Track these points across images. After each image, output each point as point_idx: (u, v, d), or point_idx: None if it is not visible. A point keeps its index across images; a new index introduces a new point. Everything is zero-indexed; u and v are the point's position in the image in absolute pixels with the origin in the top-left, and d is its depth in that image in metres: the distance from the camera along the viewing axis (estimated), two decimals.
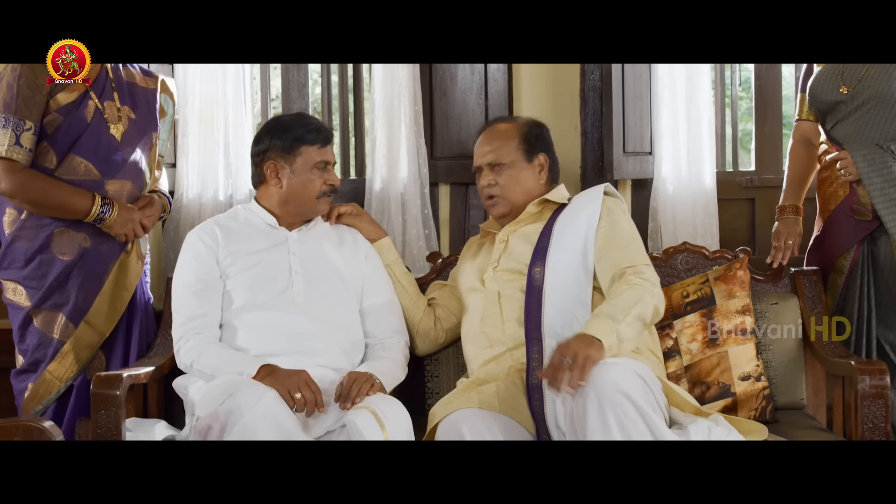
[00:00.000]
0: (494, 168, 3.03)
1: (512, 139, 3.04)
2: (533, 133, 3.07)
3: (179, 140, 3.78)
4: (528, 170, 3.04)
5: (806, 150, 3.50)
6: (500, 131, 3.08)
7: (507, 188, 3.02)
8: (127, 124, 3.17)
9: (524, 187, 3.04)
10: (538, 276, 2.89)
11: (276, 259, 3.01)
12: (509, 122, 3.13)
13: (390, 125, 3.80)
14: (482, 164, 3.07)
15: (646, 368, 2.68)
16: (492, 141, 3.06)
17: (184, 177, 3.80)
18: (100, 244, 3.14)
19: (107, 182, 3.13)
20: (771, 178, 4.10)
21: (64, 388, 3.13)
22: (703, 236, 3.81)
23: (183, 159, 3.79)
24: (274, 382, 2.69)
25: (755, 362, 3.16)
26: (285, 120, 3.11)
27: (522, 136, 3.05)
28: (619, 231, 2.92)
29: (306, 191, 3.03)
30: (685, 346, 3.16)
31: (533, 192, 3.05)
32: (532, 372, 2.80)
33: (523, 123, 3.10)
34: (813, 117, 3.47)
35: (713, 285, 3.22)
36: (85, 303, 3.13)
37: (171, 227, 3.80)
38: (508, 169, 3.02)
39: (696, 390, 3.12)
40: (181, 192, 3.79)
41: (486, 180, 3.05)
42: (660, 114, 3.84)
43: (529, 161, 3.04)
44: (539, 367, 2.79)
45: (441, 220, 3.94)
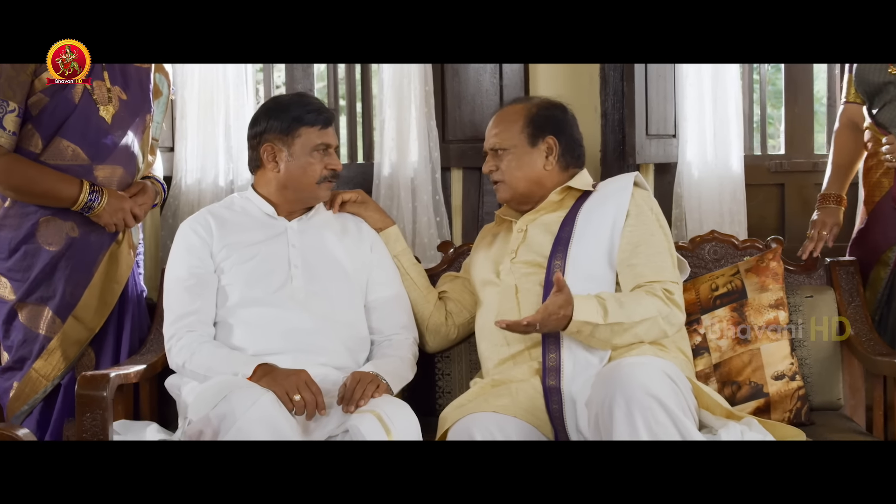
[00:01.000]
0: (498, 153, 2.93)
1: (516, 122, 2.92)
2: (541, 115, 2.93)
3: (178, 122, 3.70)
4: (531, 154, 2.90)
5: (853, 136, 3.33)
6: (506, 114, 2.97)
7: (507, 173, 2.91)
8: (118, 105, 3.04)
9: (526, 173, 2.90)
10: (558, 269, 2.75)
11: (275, 251, 2.89)
12: (519, 104, 3.00)
13: (399, 106, 3.73)
14: (486, 149, 2.98)
15: (675, 368, 2.57)
16: (497, 124, 2.95)
17: (182, 161, 3.71)
18: (88, 234, 3.02)
19: (96, 167, 3.01)
20: (801, 163, 4.00)
21: (51, 387, 3.01)
22: (730, 224, 3.72)
23: (181, 143, 3.71)
24: (271, 383, 2.55)
25: (789, 360, 3.00)
26: (284, 100, 2.99)
27: (528, 119, 2.92)
28: (647, 236, 2.79)
29: (306, 175, 2.90)
30: (714, 342, 3.02)
31: (540, 177, 2.91)
32: (548, 373, 2.67)
33: (534, 105, 2.97)
34: (860, 100, 3.28)
35: (744, 277, 3.07)
36: (73, 296, 3.00)
37: (168, 215, 3.71)
38: (509, 154, 2.90)
39: (725, 390, 2.97)
40: (179, 178, 3.71)
41: (487, 166, 2.96)
42: (684, 94, 3.75)
43: (533, 145, 2.91)
44: (556, 369, 2.66)
45: (453, 206, 3.86)
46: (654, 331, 2.68)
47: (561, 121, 2.95)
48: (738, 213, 3.74)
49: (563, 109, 2.98)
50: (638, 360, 2.50)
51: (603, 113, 3.79)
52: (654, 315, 2.66)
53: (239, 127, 3.67)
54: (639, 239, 2.78)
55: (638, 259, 2.76)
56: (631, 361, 2.47)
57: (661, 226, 2.86)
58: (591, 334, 2.60)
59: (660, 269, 2.75)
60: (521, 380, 2.73)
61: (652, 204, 2.87)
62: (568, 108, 2.99)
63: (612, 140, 3.79)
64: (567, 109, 2.99)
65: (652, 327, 2.67)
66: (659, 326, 2.68)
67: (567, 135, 2.95)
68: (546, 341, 2.69)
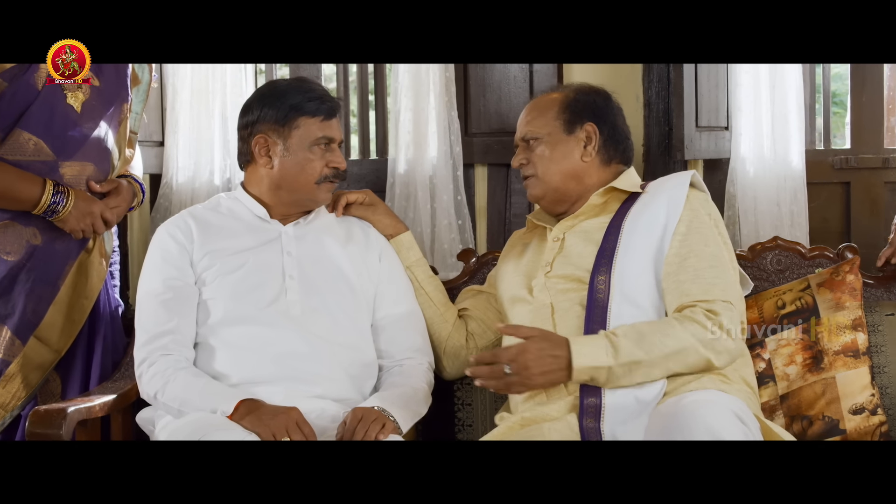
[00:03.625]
0: (529, 143, 2.69)
1: (550, 109, 2.70)
2: (580, 100, 2.70)
3: (168, 114, 3.50)
4: (566, 143, 2.66)
5: None
6: (540, 101, 2.76)
7: (538, 165, 2.66)
8: (89, 93, 2.80)
9: (561, 166, 2.65)
10: (602, 286, 2.47)
11: (266, 260, 2.61)
12: (556, 91, 2.78)
13: (417, 96, 3.56)
14: (517, 140, 2.75)
15: (742, 405, 2.31)
16: (529, 112, 2.74)
17: (173, 158, 3.50)
18: (53, 241, 2.77)
19: (62, 164, 2.76)
20: (869, 158, 3.85)
21: (9, 420, 2.74)
22: (789, 228, 3.55)
23: (172, 137, 3.50)
24: (256, 424, 2.28)
25: (870, 391, 2.69)
26: (281, 85, 2.74)
27: (564, 105, 2.69)
28: (700, 246, 2.49)
29: (303, 173, 2.63)
30: (781, 369, 2.73)
31: (577, 171, 2.66)
32: (586, 412, 2.37)
33: (571, 90, 2.74)
34: None
35: (816, 293, 2.77)
36: (35, 314, 2.74)
37: (158, 218, 3.46)
38: (541, 143, 2.67)
39: (794, 426, 2.69)
40: (170, 176, 3.50)
41: (516, 159, 2.73)
42: (738, 81, 3.58)
43: (570, 132, 2.66)
44: (596, 407, 2.36)
45: (477, 208, 3.68)
46: (694, 362, 2.37)
47: (602, 107, 2.71)
48: (798, 216, 3.58)
49: (607, 96, 2.74)
50: (702, 396, 2.23)
51: (646, 102, 3.60)
52: (689, 345, 2.35)
53: (236, 119, 3.35)
54: (688, 250, 2.48)
55: (685, 275, 2.45)
56: (695, 399, 2.21)
57: (721, 233, 2.56)
58: (609, 379, 2.33)
59: (709, 286, 2.43)
60: (556, 418, 2.43)
61: (710, 209, 2.57)
62: (612, 97, 2.75)
63: (656, 133, 3.59)
64: (611, 97, 2.74)
65: (688, 358, 2.36)
66: (700, 355, 2.36)
67: (609, 123, 2.69)
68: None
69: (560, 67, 3.59)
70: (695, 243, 2.49)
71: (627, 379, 2.33)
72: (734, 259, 2.57)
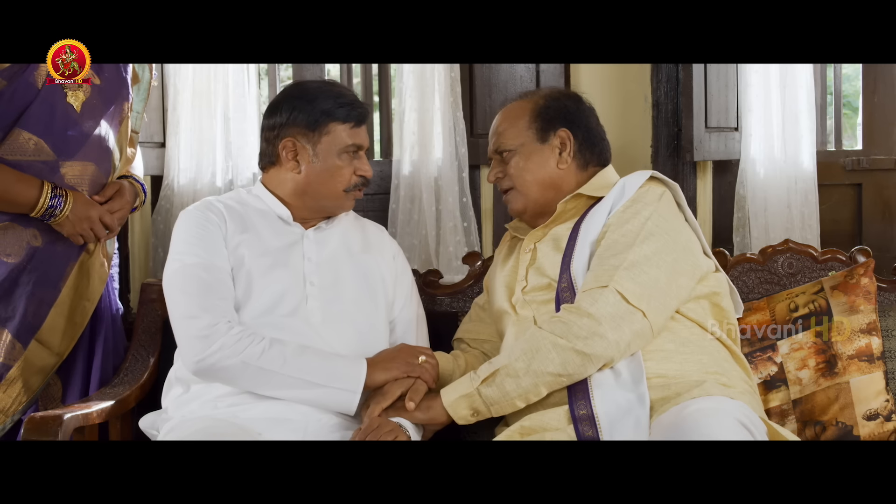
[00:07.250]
0: (503, 156, 2.63)
1: (521, 118, 2.63)
2: (550, 106, 2.63)
3: (169, 114, 3.46)
4: (540, 152, 2.61)
5: None
6: (511, 110, 2.68)
7: (515, 178, 2.61)
8: (89, 92, 2.75)
9: (537, 175, 2.59)
10: (565, 285, 2.43)
11: (289, 265, 2.54)
12: (524, 98, 2.71)
13: (422, 96, 3.54)
14: (490, 153, 2.69)
15: (748, 411, 2.23)
16: (500, 123, 2.68)
17: (174, 159, 3.46)
18: (54, 243, 2.71)
19: (63, 163, 2.71)
20: (882, 160, 3.87)
21: (10, 424, 2.70)
22: (800, 230, 3.55)
23: (173, 138, 3.46)
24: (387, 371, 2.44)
25: (884, 396, 2.64)
26: (311, 88, 2.64)
27: (535, 112, 2.62)
28: (627, 227, 2.40)
29: (332, 181, 2.57)
30: (793, 373, 2.66)
31: (554, 179, 2.60)
32: (580, 423, 2.29)
33: (541, 96, 2.67)
34: None
35: (829, 296, 2.71)
36: (36, 317, 2.69)
37: (159, 220, 3.43)
38: (515, 155, 2.61)
39: (807, 432, 2.63)
40: (172, 177, 3.45)
41: (492, 173, 2.66)
42: (748, 81, 3.57)
43: (544, 141, 2.60)
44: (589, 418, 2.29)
45: (483, 210, 3.69)
46: (562, 358, 2.30)
47: (574, 111, 2.64)
48: (809, 218, 3.58)
49: (577, 99, 2.68)
50: (706, 405, 2.16)
51: (654, 102, 3.62)
52: (539, 344, 2.31)
53: (239, 119, 3.46)
54: (618, 232, 2.40)
55: (600, 258, 2.39)
56: (699, 409, 2.14)
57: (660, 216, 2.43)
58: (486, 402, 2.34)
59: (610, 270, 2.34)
60: (555, 428, 2.35)
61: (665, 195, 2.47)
62: (583, 98, 2.68)
63: (664, 134, 3.60)
64: (582, 99, 2.68)
65: (550, 353, 2.30)
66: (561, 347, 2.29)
67: (583, 127, 2.63)
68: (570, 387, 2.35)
69: (567, 67, 3.57)
70: (624, 226, 2.41)
71: (501, 393, 2.31)
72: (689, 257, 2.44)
